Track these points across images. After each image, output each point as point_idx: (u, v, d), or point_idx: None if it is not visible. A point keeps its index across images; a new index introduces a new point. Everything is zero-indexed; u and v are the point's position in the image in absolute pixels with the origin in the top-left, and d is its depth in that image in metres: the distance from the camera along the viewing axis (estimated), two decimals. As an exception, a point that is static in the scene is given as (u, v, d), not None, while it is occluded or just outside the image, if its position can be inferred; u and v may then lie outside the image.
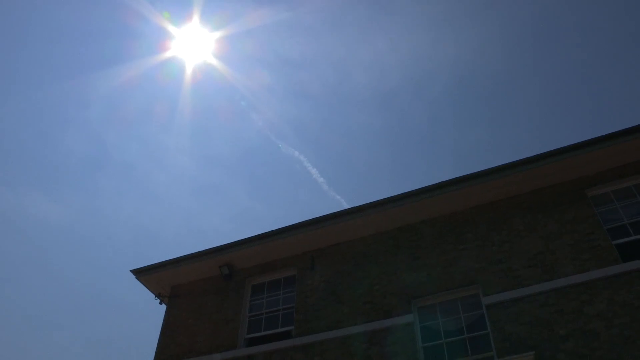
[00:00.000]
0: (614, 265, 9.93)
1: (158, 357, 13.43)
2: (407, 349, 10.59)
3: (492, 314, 10.34)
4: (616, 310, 9.41)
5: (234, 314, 13.16)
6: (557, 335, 9.55)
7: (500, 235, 11.39)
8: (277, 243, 13.24)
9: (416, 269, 11.72)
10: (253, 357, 12.10)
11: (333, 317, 11.81)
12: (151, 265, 14.45)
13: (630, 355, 8.85)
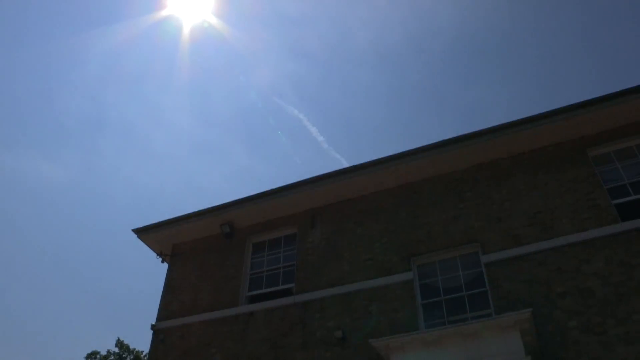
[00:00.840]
0: (612, 224, 10.04)
1: (161, 315, 13.67)
2: (406, 306, 10.82)
3: (491, 272, 10.52)
4: (612, 268, 9.60)
5: (236, 272, 13.32)
6: (554, 293, 9.77)
7: (501, 194, 11.44)
8: (278, 201, 13.27)
9: (416, 227, 11.82)
10: (254, 314, 12.33)
11: (333, 275, 11.99)
12: (152, 224, 14.50)
13: (623, 312, 9.09)
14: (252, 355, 11.68)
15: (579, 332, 9.19)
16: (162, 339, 13.01)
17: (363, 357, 10.50)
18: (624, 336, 8.88)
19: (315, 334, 11.28)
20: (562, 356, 9.09)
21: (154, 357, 12.96)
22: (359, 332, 10.87)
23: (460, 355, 8.74)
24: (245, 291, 13.06)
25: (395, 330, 10.51)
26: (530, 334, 8.87)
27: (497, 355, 8.51)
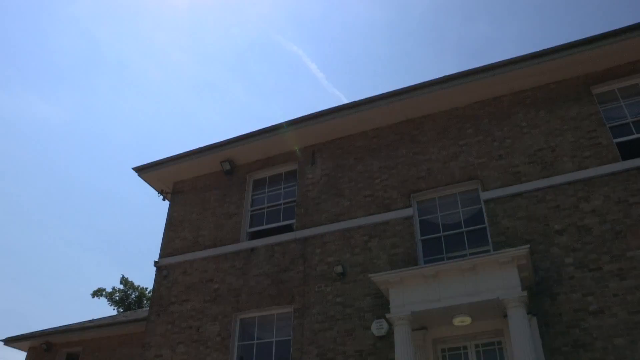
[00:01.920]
0: (613, 163, 10.05)
1: (163, 252, 13.83)
2: (406, 242, 10.97)
3: (490, 209, 10.61)
4: (610, 206, 9.69)
5: (236, 209, 13.39)
6: (552, 230, 9.90)
7: (502, 131, 11.38)
8: (278, 138, 13.16)
9: (416, 164, 11.81)
10: (256, 249, 12.49)
11: (334, 211, 12.08)
12: (153, 162, 14.45)
13: (618, 248, 9.26)
14: (254, 290, 11.93)
15: (574, 268, 9.38)
16: (165, 275, 13.24)
17: (363, 292, 10.74)
18: (617, 272, 9.08)
19: (315, 269, 11.48)
20: (557, 291, 9.31)
21: (158, 293, 13.22)
22: (359, 267, 11.07)
23: (458, 289, 8.91)
24: (246, 227, 13.19)
25: (394, 265, 10.70)
26: (527, 270, 9.03)
27: (494, 290, 8.68)
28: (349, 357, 10.25)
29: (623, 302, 8.82)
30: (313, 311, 11.03)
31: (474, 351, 9.68)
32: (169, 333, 12.42)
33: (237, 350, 11.63)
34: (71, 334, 19.14)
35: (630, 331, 8.58)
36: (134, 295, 37.56)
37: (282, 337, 11.31)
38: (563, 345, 8.90)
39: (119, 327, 18.26)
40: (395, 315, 9.09)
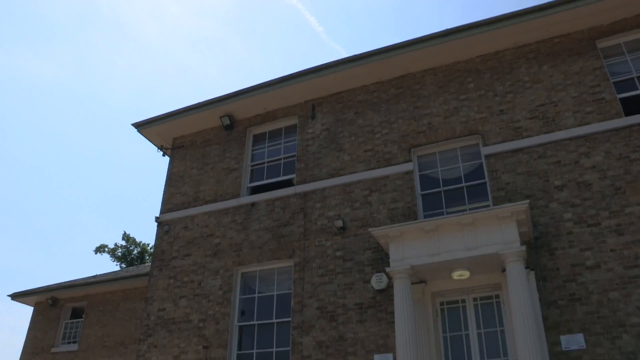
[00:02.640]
0: (615, 119, 9.98)
1: (164, 207, 13.88)
2: (406, 196, 11.00)
3: (491, 164, 10.60)
4: (611, 162, 9.67)
5: (236, 164, 13.38)
6: (552, 186, 9.91)
7: (504, 86, 11.26)
8: (277, 92, 13.02)
9: (417, 118, 11.74)
10: (256, 204, 12.53)
11: (334, 165, 12.07)
12: (152, 118, 14.38)
13: (617, 204, 9.29)
14: (254, 244, 12.03)
15: (573, 223, 9.43)
16: (166, 230, 13.34)
17: (363, 246, 10.83)
18: (616, 228, 9.14)
19: (315, 223, 11.55)
20: (555, 246, 9.39)
21: (159, 248, 13.33)
22: (359, 222, 11.13)
23: (457, 244, 8.97)
24: (246, 182, 13.20)
25: (394, 219, 10.76)
26: (526, 225, 9.07)
27: (493, 244, 8.74)
28: (348, 310, 10.42)
29: (619, 257, 8.92)
30: (313, 265, 11.15)
31: (472, 305, 9.84)
32: (171, 287, 12.59)
33: (238, 303, 11.82)
34: (76, 289, 19.46)
35: (625, 285, 8.71)
36: (136, 251, 37.98)
37: (282, 291, 11.48)
38: (559, 298, 9.03)
39: (122, 282, 18.54)
40: (394, 268, 9.19)
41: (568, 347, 8.68)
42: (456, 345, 9.67)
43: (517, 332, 8.12)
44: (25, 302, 21.13)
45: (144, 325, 12.55)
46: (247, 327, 11.57)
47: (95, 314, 18.96)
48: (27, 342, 20.13)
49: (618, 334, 8.49)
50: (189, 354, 11.61)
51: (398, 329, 8.84)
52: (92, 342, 18.42)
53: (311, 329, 10.60)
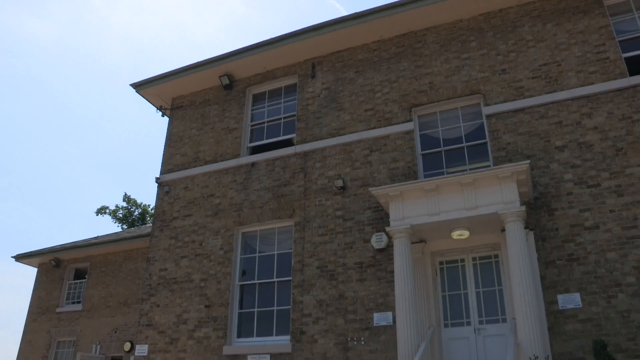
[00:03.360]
0: (619, 79, 9.85)
1: (164, 168, 13.87)
2: (406, 156, 10.97)
3: (492, 124, 10.54)
4: (613, 123, 9.61)
5: (236, 123, 13.30)
6: (553, 146, 9.87)
7: (507, 45, 11.09)
8: (277, 51, 12.84)
9: (418, 77, 11.61)
10: (256, 164, 12.51)
11: (334, 125, 12.00)
12: (150, 78, 14.25)
13: (618, 165, 9.28)
14: (255, 204, 12.06)
15: (573, 184, 9.43)
16: (167, 191, 13.35)
17: (363, 205, 10.86)
18: (615, 189, 9.15)
19: (316, 183, 11.56)
20: (555, 207, 9.42)
21: (160, 209, 13.37)
22: (359, 181, 11.14)
23: (457, 203, 8.99)
24: (246, 142, 13.16)
25: (394, 179, 10.77)
26: (527, 185, 9.07)
27: (493, 204, 8.76)
28: (349, 269, 10.51)
29: (618, 218, 8.95)
30: (313, 224, 11.20)
31: (471, 264, 9.92)
32: (173, 247, 12.68)
33: (239, 263, 11.92)
34: (78, 251, 19.63)
35: (623, 245, 8.77)
36: (137, 213, 38.13)
37: (283, 250, 11.57)
38: (558, 258, 9.11)
39: (124, 243, 18.69)
40: (394, 228, 9.22)
41: (565, 306, 8.80)
42: (455, 304, 9.79)
43: (515, 291, 8.20)
44: (29, 263, 21.36)
45: (146, 285, 12.69)
46: (248, 286, 11.70)
47: (98, 275, 19.17)
48: (32, 303, 20.42)
49: (614, 293, 8.59)
50: (191, 312, 11.77)
51: (397, 288, 8.93)
52: (96, 302, 18.69)
53: (311, 287, 10.72)
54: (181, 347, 11.57)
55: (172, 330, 11.84)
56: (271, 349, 10.61)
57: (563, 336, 8.65)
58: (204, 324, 11.53)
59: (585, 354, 8.39)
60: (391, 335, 9.61)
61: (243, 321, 11.45)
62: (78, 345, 18.38)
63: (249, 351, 10.80)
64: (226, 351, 10.99)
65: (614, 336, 8.35)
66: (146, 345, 11.98)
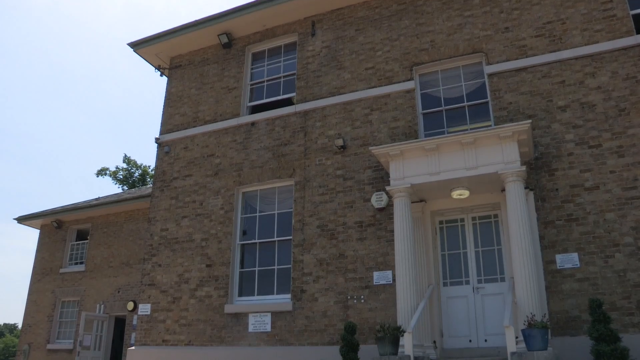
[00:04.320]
0: (625, 37, 9.68)
1: (164, 128, 13.80)
2: (407, 115, 10.89)
3: (493, 83, 10.42)
4: (617, 83, 9.50)
5: (236, 82, 13.16)
6: (555, 106, 9.78)
7: (510, 2, 10.86)
8: (276, 9, 12.56)
9: (419, 36, 11.43)
10: (256, 123, 12.44)
11: (334, 84, 11.88)
12: (148, 37, 14.06)
13: (620, 126, 9.22)
14: (255, 163, 12.04)
15: (575, 144, 9.39)
16: (166, 151, 13.31)
17: (363, 165, 10.84)
18: (617, 149, 9.11)
19: (316, 142, 11.51)
20: (556, 167, 9.40)
21: (160, 169, 13.36)
22: (359, 140, 11.09)
23: (457, 163, 8.95)
24: (246, 101, 13.05)
25: (395, 138, 10.72)
26: (528, 145, 9.03)
27: (493, 164, 8.73)
28: (349, 228, 10.56)
29: (619, 179, 8.95)
30: (314, 184, 11.21)
31: (470, 223, 9.96)
32: (173, 208, 12.71)
33: (240, 222, 11.97)
34: (79, 212, 19.76)
35: (622, 206, 8.79)
36: (137, 174, 38.19)
37: (283, 210, 11.60)
38: (557, 219, 9.13)
39: (125, 204, 18.79)
40: (394, 187, 9.22)
41: (562, 266, 8.87)
42: (454, 263, 9.87)
43: (514, 250, 8.25)
44: (31, 225, 21.53)
45: (147, 245, 12.78)
46: (248, 245, 11.78)
47: (99, 236, 19.33)
48: (36, 264, 20.65)
49: (611, 253, 8.66)
50: (192, 272, 11.89)
51: (397, 247, 8.99)
52: (98, 263, 18.90)
53: (312, 246, 10.79)
54: (183, 306, 11.72)
55: (174, 289, 11.97)
56: (272, 307, 10.75)
57: (560, 295, 8.75)
58: (205, 283, 11.65)
59: (581, 312, 8.50)
60: (391, 294, 9.72)
61: (244, 280, 11.57)
62: (82, 305, 18.67)
63: (250, 309, 10.94)
64: (228, 310, 11.14)
65: (610, 295, 8.45)
66: (149, 305, 12.14)
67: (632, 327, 8.22)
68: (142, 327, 12.04)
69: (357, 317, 9.88)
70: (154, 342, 11.78)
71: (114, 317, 18.33)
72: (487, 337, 9.19)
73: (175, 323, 11.67)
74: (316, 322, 10.26)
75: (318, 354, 9.52)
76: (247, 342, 10.76)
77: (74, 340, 18.12)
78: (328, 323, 10.16)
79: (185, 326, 11.53)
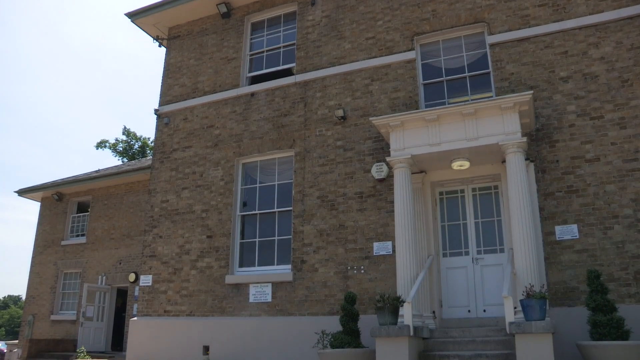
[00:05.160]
0: (632, 5, 9.50)
1: (163, 99, 13.71)
2: (407, 86, 10.81)
3: (495, 53, 10.31)
4: (621, 53, 9.39)
5: (235, 53, 13.03)
6: (557, 77, 9.70)
7: (514, -30, 10.68)
8: (276, -23, 12.42)
9: (420, 5, 11.26)
10: (256, 94, 12.36)
11: (334, 54, 11.76)
12: (146, 6, 13.88)
13: (623, 97, 9.14)
14: (255, 134, 11.99)
15: (576, 116, 9.34)
16: (166, 122, 13.25)
17: (363, 135, 10.80)
18: (619, 121, 9.06)
19: (316, 113, 11.45)
20: (557, 138, 9.36)
21: (160, 141, 13.31)
22: (360, 111, 11.03)
23: (458, 134, 8.91)
24: (245, 72, 12.93)
25: (395, 109, 10.66)
26: (529, 116, 8.99)
27: (494, 135, 8.69)
28: (349, 199, 10.57)
29: (620, 150, 8.92)
30: (314, 155, 11.18)
31: (470, 195, 9.96)
32: (173, 179, 12.71)
33: (240, 193, 11.98)
34: (80, 184, 19.78)
35: (622, 178, 8.78)
36: (137, 146, 38.14)
37: (283, 181, 11.60)
38: (557, 190, 9.13)
39: (125, 176, 18.79)
40: (395, 158, 9.20)
41: (562, 237, 8.91)
42: (454, 234, 9.90)
43: (514, 222, 8.27)
44: (32, 197, 21.58)
45: (148, 217, 12.81)
46: (249, 216, 11.80)
47: (100, 208, 19.37)
48: (37, 236, 20.75)
49: (610, 224, 8.68)
50: (193, 243, 11.94)
51: (397, 218, 9.00)
52: (100, 235, 18.97)
53: (312, 217, 10.82)
54: (184, 277, 11.80)
55: (175, 260, 12.04)
56: (272, 277, 10.82)
57: (559, 266, 8.80)
58: (206, 254, 11.71)
59: (579, 283, 8.56)
60: (390, 264, 9.77)
61: (245, 251, 11.63)
62: (84, 276, 18.81)
63: (250, 280, 11.01)
64: (228, 280, 11.22)
65: (608, 266, 8.50)
66: (150, 276, 12.23)
67: (629, 298, 8.28)
68: (144, 298, 12.15)
69: (357, 288, 9.96)
70: (155, 313, 11.89)
71: (115, 288, 18.49)
72: (486, 308, 9.27)
73: (177, 294, 11.77)
74: (316, 292, 10.34)
75: (318, 324, 9.60)
76: (248, 312, 10.87)
77: (77, 311, 18.31)
78: (328, 293, 10.24)
79: (187, 297, 11.63)
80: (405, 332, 7.70)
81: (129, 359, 11.64)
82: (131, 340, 11.94)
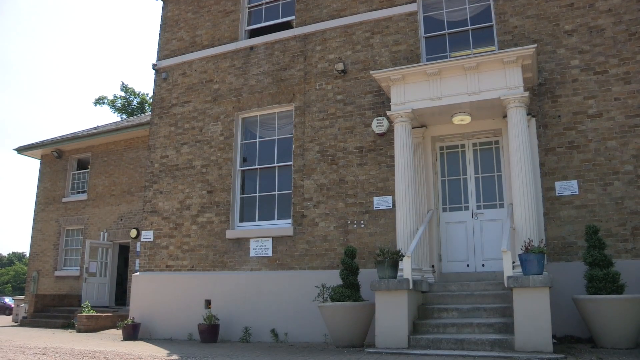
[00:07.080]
0: (639, -40, 9.26)
1: (161, 54, 13.49)
2: (409, 39, 10.63)
3: (499, 6, 10.10)
4: (630, 5, 9.17)
5: (233, 5, 12.75)
6: (562, 30, 9.52)
7: None
8: None
9: (425, -43, 10.95)
10: (255, 48, 12.16)
11: (334, 6, 11.51)
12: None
13: (629, 51, 8.99)
14: (254, 88, 11.87)
15: (580, 70, 9.21)
16: (164, 77, 13.08)
17: (364, 89, 10.68)
18: (623, 76, 8.94)
19: (316, 67, 11.30)
20: (559, 93, 9.26)
21: (159, 96, 13.18)
22: (360, 65, 10.89)
23: (459, 88, 8.80)
24: (244, 25, 12.69)
25: (396, 62, 10.51)
26: (532, 70, 8.85)
27: (496, 89, 8.59)
28: (349, 153, 10.53)
29: (623, 106, 8.83)
30: (314, 109, 11.09)
31: (471, 149, 9.92)
32: (173, 135, 12.64)
33: (240, 148, 11.93)
34: (79, 141, 19.70)
35: (624, 134, 8.72)
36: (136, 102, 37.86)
37: (283, 135, 11.53)
38: (558, 146, 9.09)
39: (124, 132, 18.71)
40: (395, 112, 9.11)
41: (561, 193, 8.91)
42: (454, 188, 9.91)
43: (514, 177, 8.25)
44: (32, 155, 21.54)
45: (148, 173, 12.80)
46: (249, 171, 11.79)
47: (100, 164, 19.36)
48: (38, 194, 20.80)
49: (610, 181, 8.67)
50: (193, 198, 11.96)
51: (397, 172, 8.99)
52: (100, 191, 19.02)
53: (312, 172, 10.80)
54: (185, 232, 11.87)
55: (176, 215, 12.09)
56: (273, 232, 10.88)
57: (558, 221, 8.83)
58: (206, 209, 11.75)
59: (578, 238, 8.61)
60: (390, 219, 9.81)
61: (245, 206, 11.66)
62: (86, 233, 18.95)
63: (251, 235, 11.08)
64: (229, 235, 11.29)
65: (606, 222, 8.53)
66: (151, 231, 12.30)
67: (626, 253, 8.35)
68: (146, 254, 12.25)
69: (357, 242, 10.02)
70: (157, 268, 12.01)
71: (117, 244, 18.64)
72: (485, 262, 9.35)
73: (178, 249, 11.86)
74: (317, 246, 10.42)
75: (319, 278, 9.71)
76: (249, 266, 10.97)
77: (80, 267, 18.52)
78: (328, 247, 10.31)
79: (188, 252, 11.72)
80: (405, 286, 7.78)
81: (132, 313, 11.81)
82: (134, 295, 12.10)
